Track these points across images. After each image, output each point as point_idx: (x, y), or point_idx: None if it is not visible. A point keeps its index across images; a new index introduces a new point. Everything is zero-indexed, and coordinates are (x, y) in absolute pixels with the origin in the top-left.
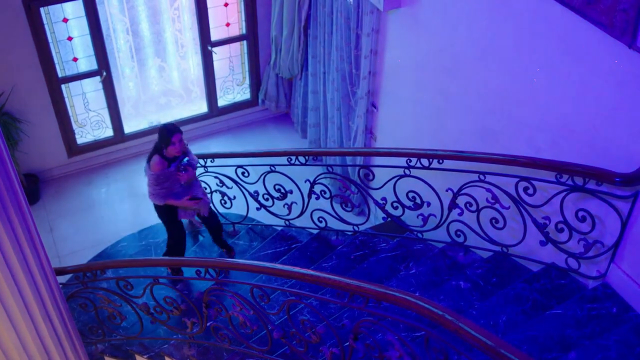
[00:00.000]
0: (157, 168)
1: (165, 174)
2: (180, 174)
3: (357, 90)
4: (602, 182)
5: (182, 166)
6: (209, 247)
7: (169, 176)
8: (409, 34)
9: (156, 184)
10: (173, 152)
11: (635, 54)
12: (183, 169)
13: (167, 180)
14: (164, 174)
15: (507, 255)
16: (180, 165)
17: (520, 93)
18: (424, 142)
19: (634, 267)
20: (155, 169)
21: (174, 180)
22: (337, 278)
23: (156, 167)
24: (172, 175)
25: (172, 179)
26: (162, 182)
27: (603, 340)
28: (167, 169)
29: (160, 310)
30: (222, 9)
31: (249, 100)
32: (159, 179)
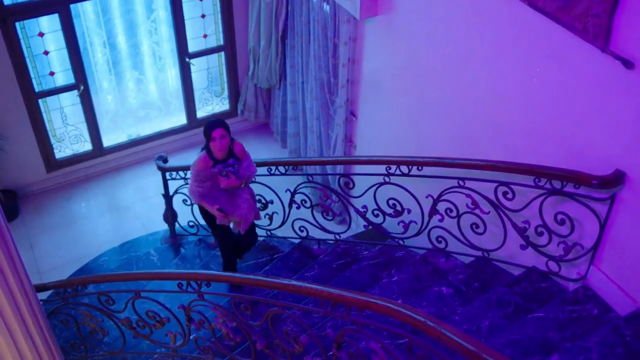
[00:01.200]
0: (200, 165)
1: (207, 173)
2: (220, 178)
3: (336, 99)
4: (580, 185)
5: (224, 171)
6: (191, 260)
7: (211, 177)
8: (386, 41)
9: (195, 180)
10: (215, 150)
11: (609, 58)
12: (225, 174)
13: (208, 180)
14: (205, 172)
15: (488, 260)
16: (223, 170)
17: (497, 98)
18: (403, 149)
19: (613, 268)
20: (199, 165)
21: (215, 182)
22: (319, 288)
23: (200, 163)
24: (214, 176)
25: (214, 181)
26: (202, 180)
27: (584, 342)
28: (210, 168)
29: (142, 324)
30: (199, 20)
31: (228, 111)
32: (199, 176)
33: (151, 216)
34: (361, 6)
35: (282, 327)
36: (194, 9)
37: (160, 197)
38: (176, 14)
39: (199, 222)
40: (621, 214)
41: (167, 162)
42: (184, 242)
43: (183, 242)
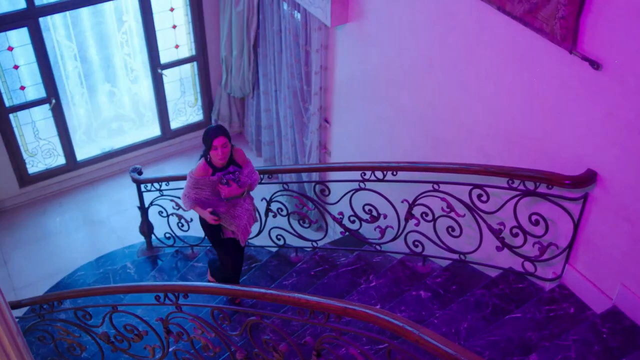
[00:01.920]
0: (200, 173)
1: (206, 181)
2: (221, 187)
3: (309, 107)
4: (553, 186)
5: (225, 179)
6: (169, 271)
7: (210, 185)
8: (357, 48)
9: (191, 187)
10: (215, 159)
11: (576, 59)
12: (225, 181)
13: (207, 188)
14: (204, 180)
15: (465, 262)
16: (223, 177)
17: (469, 102)
18: (378, 155)
19: (588, 267)
20: (197, 172)
21: (214, 191)
22: (296, 295)
23: (199, 171)
24: (214, 184)
25: (212, 189)
26: (199, 188)
27: (562, 340)
28: (210, 176)
29: (121, 338)
30: (170, 31)
31: (202, 122)
32: (197, 184)
33: (127, 229)
34: (332, 14)
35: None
36: (165, 20)
37: (136, 210)
38: (147, 25)
39: (175, 234)
40: (594, 213)
41: (141, 174)
42: (160, 254)
43: (160, 254)
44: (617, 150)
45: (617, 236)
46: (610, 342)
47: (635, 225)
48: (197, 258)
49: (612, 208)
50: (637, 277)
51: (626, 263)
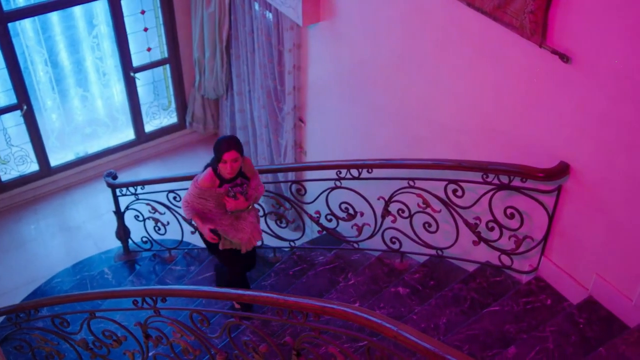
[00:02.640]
0: (206, 184)
1: (212, 192)
2: (227, 199)
3: (284, 106)
4: (527, 179)
5: (232, 191)
6: (147, 276)
7: (216, 197)
8: (330, 47)
9: (195, 196)
10: (223, 172)
11: (546, 53)
12: (233, 194)
13: (212, 200)
14: (210, 192)
15: (442, 257)
16: (231, 190)
17: (442, 98)
18: (353, 153)
19: (564, 258)
20: (203, 182)
21: (220, 203)
22: (274, 296)
23: (205, 182)
24: (220, 197)
25: (217, 201)
26: (203, 198)
27: (540, 332)
28: (216, 188)
29: (99, 344)
30: (141, 34)
31: (176, 124)
32: (202, 195)
33: (103, 234)
34: (303, 13)
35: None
36: (136, 22)
37: (112, 215)
38: (118, 29)
39: (152, 238)
40: (568, 205)
41: (116, 179)
42: (138, 258)
43: (137, 259)
44: (589, 141)
45: (591, 227)
46: (587, 332)
47: (608, 215)
48: (175, 261)
49: (586, 199)
50: (611, 267)
51: (601, 253)
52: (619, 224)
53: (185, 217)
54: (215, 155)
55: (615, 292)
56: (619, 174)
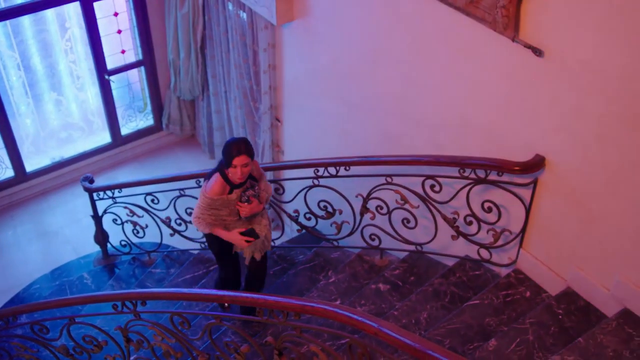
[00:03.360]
0: (215, 191)
1: (224, 200)
2: (241, 205)
3: (260, 106)
4: (503, 172)
5: (245, 195)
6: (127, 279)
7: (228, 204)
8: (305, 45)
9: (206, 208)
10: (233, 177)
11: (519, 47)
12: (246, 199)
13: (224, 208)
14: (221, 200)
15: (422, 253)
16: (243, 195)
17: (417, 94)
18: (331, 151)
19: (542, 250)
20: (213, 191)
21: (233, 210)
22: (254, 296)
23: (214, 189)
24: (232, 203)
25: (230, 209)
26: (215, 208)
27: (520, 324)
28: (227, 194)
29: (80, 350)
30: (115, 36)
31: (152, 127)
32: (213, 205)
33: (82, 239)
34: (277, 12)
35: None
36: (109, 25)
37: (90, 219)
38: (91, 32)
39: (131, 241)
40: (544, 197)
41: (93, 183)
42: (117, 262)
43: (117, 263)
44: (563, 134)
45: (567, 219)
46: (566, 323)
47: (583, 207)
48: (155, 264)
49: (562, 191)
50: (588, 257)
51: (577, 245)
52: (594, 214)
53: (203, 231)
54: (224, 159)
55: (593, 283)
56: (593, 166)
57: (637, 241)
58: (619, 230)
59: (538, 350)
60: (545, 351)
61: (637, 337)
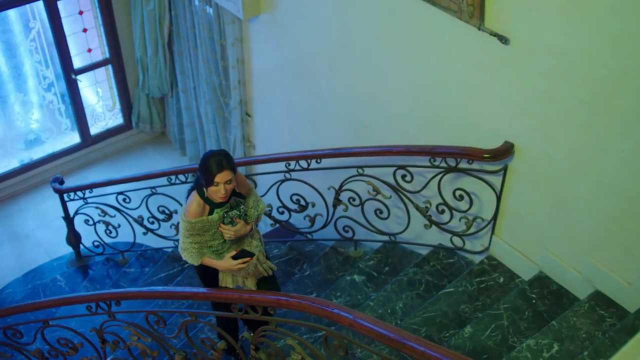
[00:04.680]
0: (193, 212)
1: (204, 223)
2: (223, 227)
3: (230, 101)
4: (473, 160)
5: (228, 217)
6: (101, 280)
7: (209, 227)
8: (273, 39)
9: (188, 236)
10: (214, 196)
11: (485, 35)
12: (229, 220)
13: (205, 232)
14: (201, 222)
15: (395, 243)
16: (225, 215)
17: (387, 85)
18: (302, 145)
19: (513, 236)
20: (190, 213)
21: (217, 233)
22: (228, 292)
23: (191, 210)
24: (213, 226)
25: (212, 232)
26: (196, 234)
27: (494, 310)
28: (207, 216)
29: (55, 353)
30: (81, 35)
31: (122, 125)
32: (193, 229)
33: (54, 241)
34: (244, 6)
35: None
36: (74, 24)
37: (61, 220)
38: (56, 31)
39: (103, 241)
40: (514, 184)
41: (63, 184)
42: (91, 263)
43: (90, 263)
44: (531, 120)
45: (537, 204)
46: (539, 307)
47: (553, 191)
48: (129, 263)
49: (531, 177)
50: (559, 241)
51: (548, 229)
52: (564, 199)
53: (193, 263)
54: (203, 177)
55: (564, 266)
56: (561, 151)
57: (606, 223)
58: (588, 213)
59: (513, 335)
60: (520, 335)
61: (609, 318)
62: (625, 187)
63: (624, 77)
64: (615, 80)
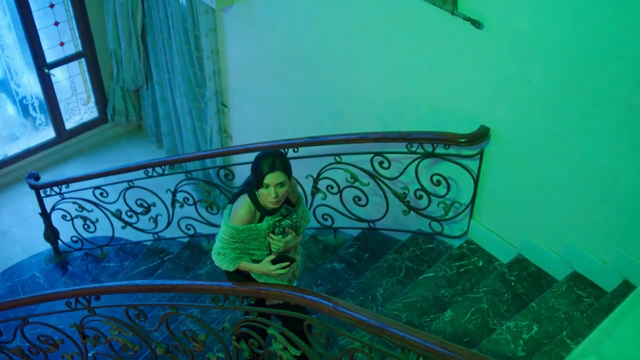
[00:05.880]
0: (242, 218)
1: (252, 231)
2: (273, 238)
3: (205, 92)
4: (450, 145)
5: (280, 226)
6: (80, 275)
7: (256, 235)
8: (247, 29)
9: (230, 241)
10: (265, 201)
11: (459, 20)
12: (281, 231)
13: (252, 240)
14: (249, 230)
15: (375, 230)
16: (277, 224)
17: (362, 72)
18: (280, 134)
19: (491, 219)
20: (238, 218)
21: (263, 243)
22: (208, 283)
23: (240, 215)
24: (261, 235)
25: (260, 242)
26: (241, 242)
27: (474, 293)
28: (257, 224)
29: (36, 350)
30: (52, 28)
31: (97, 119)
32: (238, 237)
33: (31, 237)
34: None
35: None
36: (45, 17)
37: (38, 217)
38: (27, 25)
39: (82, 236)
40: (491, 167)
41: (39, 180)
42: (70, 258)
43: (69, 259)
44: (506, 104)
45: (514, 187)
46: (518, 289)
47: (529, 174)
48: (108, 258)
49: (508, 160)
50: (537, 224)
51: (526, 212)
52: (540, 181)
53: (228, 269)
54: (254, 178)
55: (542, 248)
56: (536, 133)
57: (582, 204)
58: (565, 195)
59: (493, 318)
60: (500, 318)
61: (587, 298)
62: (601, 168)
63: (595, 59)
64: (587, 62)
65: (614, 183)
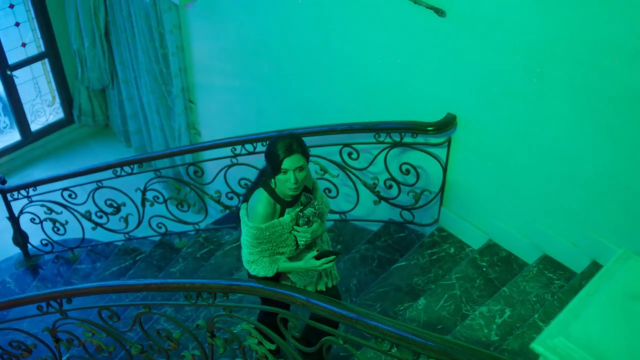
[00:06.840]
0: (262, 214)
1: (275, 227)
2: (299, 230)
3: (172, 89)
4: (417, 134)
5: (304, 216)
6: (52, 278)
7: (282, 231)
8: (212, 24)
9: (257, 244)
10: (284, 189)
11: (421, 8)
12: (306, 221)
13: (278, 237)
14: (273, 227)
15: (346, 221)
16: (300, 214)
17: (327, 63)
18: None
19: (461, 206)
20: (259, 216)
21: (289, 238)
22: (179, 281)
23: (260, 211)
24: (285, 229)
25: (285, 238)
26: (267, 241)
27: (447, 280)
28: (278, 218)
29: (8, 356)
30: (13, 29)
31: (63, 120)
32: (262, 236)
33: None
34: None
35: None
36: (5, 17)
37: (6, 221)
38: None
39: (52, 239)
40: (459, 155)
41: (6, 183)
42: (40, 262)
43: (40, 263)
44: (472, 91)
45: (482, 173)
46: (490, 274)
47: (497, 160)
48: (80, 260)
49: (475, 147)
50: (506, 209)
51: (495, 197)
52: (508, 167)
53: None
54: (269, 163)
55: (512, 233)
56: (503, 120)
57: (549, 188)
58: (533, 179)
59: (466, 304)
60: (473, 303)
61: (557, 280)
62: (566, 152)
63: (559, 44)
64: (550, 48)
65: (579, 166)
